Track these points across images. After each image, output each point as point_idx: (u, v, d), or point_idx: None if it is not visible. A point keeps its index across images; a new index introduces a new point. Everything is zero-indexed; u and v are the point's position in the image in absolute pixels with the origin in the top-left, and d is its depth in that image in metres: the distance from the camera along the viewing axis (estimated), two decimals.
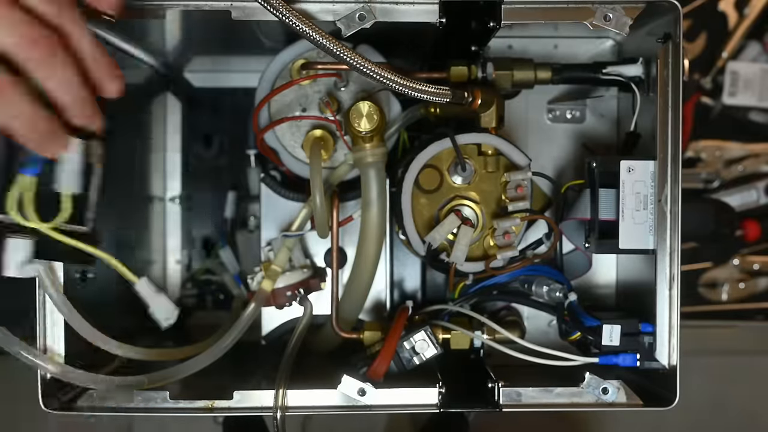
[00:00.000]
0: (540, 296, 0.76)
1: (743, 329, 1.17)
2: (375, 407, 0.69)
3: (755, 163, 1.13)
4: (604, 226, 0.71)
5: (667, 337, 0.68)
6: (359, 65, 0.63)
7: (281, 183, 0.84)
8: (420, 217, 0.75)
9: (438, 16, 0.68)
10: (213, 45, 0.90)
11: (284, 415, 0.69)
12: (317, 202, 0.73)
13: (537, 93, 0.84)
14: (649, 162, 0.69)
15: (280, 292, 0.78)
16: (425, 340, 0.72)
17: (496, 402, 0.69)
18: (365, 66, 0.63)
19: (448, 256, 0.74)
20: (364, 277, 0.76)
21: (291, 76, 0.78)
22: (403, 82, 0.64)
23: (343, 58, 0.63)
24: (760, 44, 1.12)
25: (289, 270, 0.79)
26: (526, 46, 0.85)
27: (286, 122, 0.78)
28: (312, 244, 0.85)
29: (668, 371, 0.68)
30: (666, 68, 0.67)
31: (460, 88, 0.70)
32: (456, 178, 0.75)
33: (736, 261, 1.13)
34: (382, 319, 0.84)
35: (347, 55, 0.63)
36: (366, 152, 0.72)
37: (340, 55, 0.63)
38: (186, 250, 0.99)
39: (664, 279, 0.68)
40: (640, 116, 0.75)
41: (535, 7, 0.68)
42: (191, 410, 0.69)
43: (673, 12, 0.67)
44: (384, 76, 0.63)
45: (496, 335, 0.75)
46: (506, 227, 0.74)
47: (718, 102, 1.12)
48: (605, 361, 0.70)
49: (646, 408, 0.69)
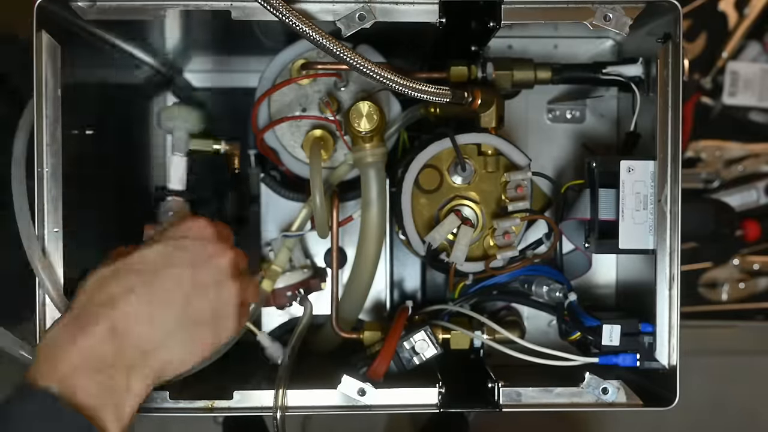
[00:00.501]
0: (540, 296, 0.76)
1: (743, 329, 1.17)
2: (375, 407, 0.69)
3: (755, 163, 1.13)
4: (604, 226, 0.71)
5: (667, 337, 0.68)
6: (359, 65, 0.63)
7: (281, 183, 0.84)
8: (420, 217, 0.75)
9: (438, 16, 0.68)
10: (213, 45, 0.90)
11: (284, 415, 0.69)
12: (317, 202, 0.73)
13: (537, 93, 0.84)
14: (649, 162, 0.69)
15: (280, 292, 0.78)
16: (425, 340, 0.72)
17: (496, 402, 0.69)
18: (365, 66, 0.63)
19: (448, 256, 0.74)
20: (364, 277, 0.76)
21: (291, 76, 0.77)
22: (403, 82, 0.64)
23: (343, 58, 0.63)
24: (760, 44, 1.12)
25: (289, 270, 0.79)
26: (526, 46, 0.85)
27: (285, 122, 0.78)
28: (312, 244, 0.85)
29: (668, 371, 0.68)
30: (666, 68, 0.67)
31: (460, 88, 0.70)
32: (456, 178, 0.75)
33: (736, 261, 1.13)
34: (382, 319, 0.84)
35: (347, 55, 0.63)
36: (366, 152, 0.72)
37: (340, 55, 0.63)
38: None
39: (664, 279, 0.68)
40: (640, 116, 0.75)
41: (535, 7, 0.68)
42: (191, 410, 0.69)
43: (673, 12, 0.67)
44: (384, 76, 0.63)
45: (496, 335, 0.75)
46: (506, 227, 0.74)
47: (718, 102, 1.12)
48: (605, 361, 0.69)
49: (646, 408, 0.69)
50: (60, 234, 0.66)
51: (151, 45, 0.84)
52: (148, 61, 0.87)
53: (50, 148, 0.64)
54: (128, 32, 0.77)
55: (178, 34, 0.82)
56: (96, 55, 0.76)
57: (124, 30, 0.75)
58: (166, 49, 0.87)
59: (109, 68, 0.81)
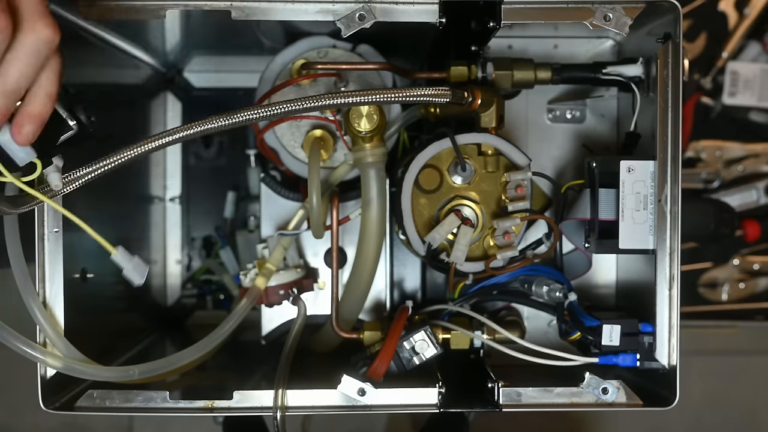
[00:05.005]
0: (540, 296, 0.76)
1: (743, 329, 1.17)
2: (375, 407, 0.69)
3: (755, 163, 1.13)
4: (604, 226, 0.71)
5: (666, 337, 0.68)
6: (360, 98, 0.64)
7: (281, 183, 0.84)
8: (420, 217, 0.75)
9: (438, 16, 0.68)
10: (213, 45, 0.90)
11: (284, 415, 0.69)
12: (313, 203, 0.73)
13: (537, 93, 0.84)
14: (649, 162, 0.69)
15: (272, 290, 0.78)
16: (425, 340, 0.72)
17: (496, 402, 0.69)
18: (365, 97, 0.64)
19: (448, 256, 0.74)
20: (364, 277, 0.76)
21: (291, 76, 0.78)
22: (403, 93, 0.64)
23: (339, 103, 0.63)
24: (760, 44, 1.12)
25: (283, 269, 0.79)
26: (526, 46, 0.85)
27: (286, 122, 0.78)
28: (312, 244, 0.85)
29: (668, 371, 0.68)
30: (666, 68, 0.67)
31: (460, 88, 0.70)
32: (456, 178, 0.75)
33: (736, 261, 1.13)
34: (382, 319, 0.84)
35: (343, 98, 0.63)
36: (366, 152, 0.72)
37: (337, 102, 0.63)
38: (186, 250, 0.99)
39: (664, 279, 0.68)
40: (640, 116, 0.75)
41: (535, 7, 0.68)
42: (191, 410, 0.69)
43: (673, 12, 0.67)
44: (384, 97, 0.64)
45: (496, 335, 0.76)
46: (506, 227, 0.74)
47: (718, 102, 1.12)
48: (605, 361, 0.69)
49: (646, 408, 0.69)
50: (60, 234, 0.66)
51: (151, 45, 0.84)
52: (148, 61, 0.87)
53: None
54: (128, 32, 0.77)
55: (178, 34, 0.82)
56: (96, 55, 0.76)
57: (124, 30, 0.75)
58: (166, 49, 0.87)
59: (109, 68, 0.81)
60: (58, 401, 0.68)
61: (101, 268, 0.75)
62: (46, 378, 0.67)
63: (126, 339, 0.84)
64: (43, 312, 0.66)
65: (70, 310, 0.67)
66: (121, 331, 0.84)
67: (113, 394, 0.68)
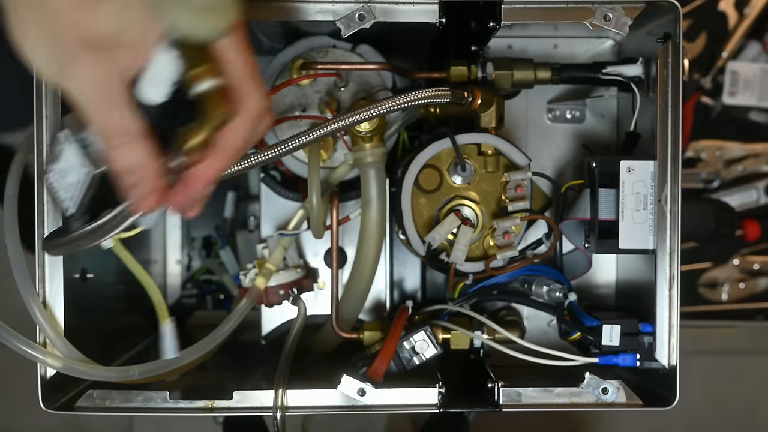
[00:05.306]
0: (540, 296, 0.76)
1: (743, 329, 1.17)
2: (375, 407, 0.69)
3: (755, 163, 1.13)
4: (604, 226, 0.71)
5: (666, 337, 0.68)
6: (365, 114, 0.65)
7: (281, 183, 0.84)
8: (420, 217, 0.75)
9: (438, 16, 0.68)
10: None
11: (284, 415, 0.69)
12: (313, 203, 0.73)
13: (537, 93, 0.84)
14: (649, 162, 0.69)
15: (272, 290, 0.78)
16: (425, 340, 0.72)
17: (496, 402, 0.69)
18: (368, 113, 0.65)
19: (448, 256, 0.74)
20: (364, 276, 0.76)
21: (291, 76, 0.77)
22: (403, 99, 0.65)
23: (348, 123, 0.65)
24: (760, 44, 1.12)
25: (283, 269, 0.79)
26: (526, 46, 0.85)
27: (286, 122, 0.78)
28: (312, 244, 0.85)
29: (668, 371, 0.68)
30: (666, 68, 0.67)
31: (460, 88, 0.70)
32: (456, 178, 0.75)
33: (736, 261, 1.13)
34: (382, 319, 0.84)
35: (350, 118, 0.65)
36: (366, 152, 0.72)
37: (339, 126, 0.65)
38: (186, 250, 0.99)
39: (664, 279, 0.68)
40: (640, 116, 0.75)
41: (535, 7, 0.68)
42: (191, 410, 0.69)
43: (673, 12, 0.67)
44: (386, 107, 0.65)
45: (496, 335, 0.76)
46: (506, 227, 0.74)
47: (718, 102, 1.12)
48: (605, 361, 0.70)
49: (645, 408, 0.69)
50: None
51: None
52: None
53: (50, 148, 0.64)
54: None
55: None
56: None
57: None
58: None
59: None
60: (58, 401, 0.68)
61: (101, 268, 0.75)
62: (46, 378, 0.67)
63: (126, 339, 0.84)
64: (43, 312, 0.66)
65: (70, 310, 0.67)
66: (121, 331, 0.84)
67: (113, 394, 0.68)
